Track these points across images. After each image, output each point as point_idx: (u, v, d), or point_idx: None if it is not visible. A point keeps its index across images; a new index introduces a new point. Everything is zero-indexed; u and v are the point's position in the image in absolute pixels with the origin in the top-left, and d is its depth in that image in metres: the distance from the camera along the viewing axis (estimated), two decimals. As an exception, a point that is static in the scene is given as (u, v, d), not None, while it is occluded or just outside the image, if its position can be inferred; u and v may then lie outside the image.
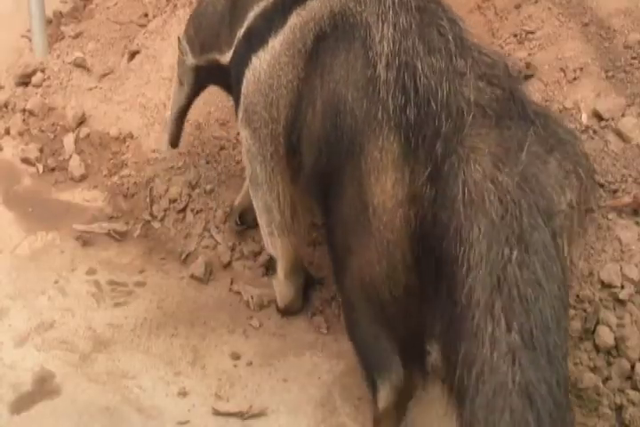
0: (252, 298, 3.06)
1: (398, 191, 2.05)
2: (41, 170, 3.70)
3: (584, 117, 3.00)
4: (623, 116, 2.94)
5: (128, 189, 3.52)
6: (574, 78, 3.16)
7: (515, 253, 1.85)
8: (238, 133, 3.56)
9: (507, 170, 1.91)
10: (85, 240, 3.36)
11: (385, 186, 2.06)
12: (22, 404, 2.74)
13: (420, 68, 2.04)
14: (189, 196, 3.44)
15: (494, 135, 1.98)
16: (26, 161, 3.74)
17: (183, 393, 2.78)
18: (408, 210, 2.04)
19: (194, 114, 3.45)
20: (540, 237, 1.91)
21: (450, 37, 2.09)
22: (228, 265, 3.22)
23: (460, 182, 1.94)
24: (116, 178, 3.59)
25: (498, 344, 1.83)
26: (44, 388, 2.80)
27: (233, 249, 3.25)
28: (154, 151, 3.60)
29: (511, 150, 1.95)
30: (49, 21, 4.29)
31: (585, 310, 2.67)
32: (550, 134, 2.03)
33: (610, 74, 3.11)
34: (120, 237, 3.39)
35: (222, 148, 3.57)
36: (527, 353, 1.82)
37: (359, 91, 2.10)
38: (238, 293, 3.12)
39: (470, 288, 1.87)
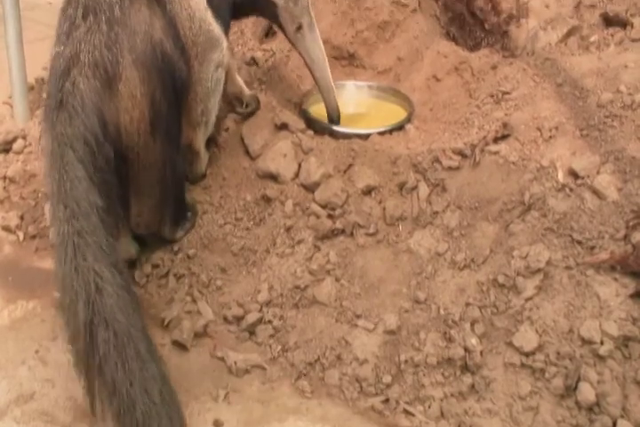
0: (236, 363, 3.15)
1: None
2: (22, 237, 3.82)
3: (560, 176, 3.18)
4: (598, 173, 3.11)
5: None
6: (550, 137, 3.35)
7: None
8: (221, 197, 3.76)
9: None
10: (66, 308, 3.46)
11: None
12: (2, 479, 2.80)
13: None
14: (172, 261, 3.56)
15: None
16: (6, 229, 3.86)
17: (167, 463, 2.85)
18: None
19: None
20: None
21: None
22: (210, 330, 3.31)
23: None
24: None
25: None
26: (24, 462, 2.85)
27: (216, 313, 3.34)
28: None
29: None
30: (31, 88, 4.49)
31: (566, 367, 2.78)
32: None
33: (584, 132, 3.30)
34: (102, 304, 3.49)
35: (205, 212, 3.70)
36: None
37: None
38: (221, 358, 3.20)
39: None
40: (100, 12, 3.03)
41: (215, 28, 3.44)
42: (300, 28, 3.84)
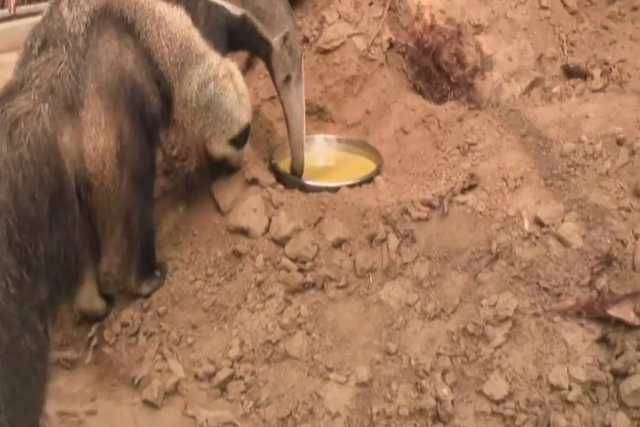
0: (207, 421, 3.20)
1: None
2: None
3: (526, 224, 3.32)
4: (563, 221, 3.25)
5: (77, 315, 3.71)
6: (515, 187, 3.50)
7: None
8: (191, 253, 3.87)
9: None
10: (34, 370, 3.51)
11: None
12: None
13: None
14: (142, 319, 3.64)
15: None
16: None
17: None
18: None
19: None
20: None
21: None
22: (181, 388, 3.37)
23: None
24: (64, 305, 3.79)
25: None
26: None
27: (187, 371, 3.41)
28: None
29: None
30: None
31: (536, 414, 2.87)
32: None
33: (548, 182, 3.46)
34: (70, 365, 3.54)
35: (175, 268, 3.81)
36: None
37: None
38: (193, 416, 3.25)
39: None
40: (61, 42, 3.16)
41: (199, 45, 3.53)
42: (288, 79, 4.03)
